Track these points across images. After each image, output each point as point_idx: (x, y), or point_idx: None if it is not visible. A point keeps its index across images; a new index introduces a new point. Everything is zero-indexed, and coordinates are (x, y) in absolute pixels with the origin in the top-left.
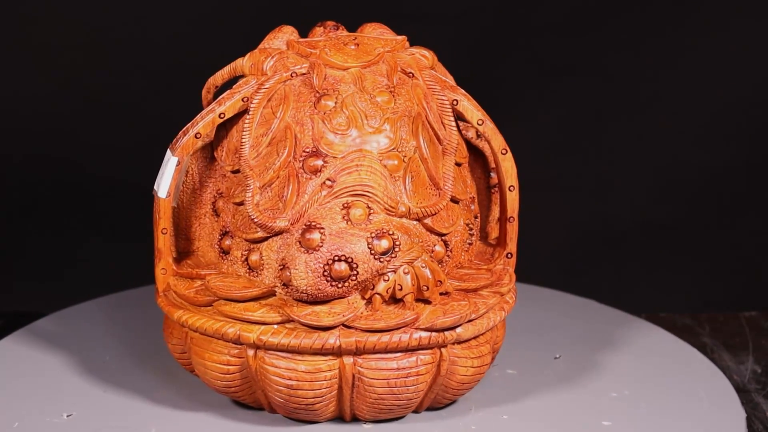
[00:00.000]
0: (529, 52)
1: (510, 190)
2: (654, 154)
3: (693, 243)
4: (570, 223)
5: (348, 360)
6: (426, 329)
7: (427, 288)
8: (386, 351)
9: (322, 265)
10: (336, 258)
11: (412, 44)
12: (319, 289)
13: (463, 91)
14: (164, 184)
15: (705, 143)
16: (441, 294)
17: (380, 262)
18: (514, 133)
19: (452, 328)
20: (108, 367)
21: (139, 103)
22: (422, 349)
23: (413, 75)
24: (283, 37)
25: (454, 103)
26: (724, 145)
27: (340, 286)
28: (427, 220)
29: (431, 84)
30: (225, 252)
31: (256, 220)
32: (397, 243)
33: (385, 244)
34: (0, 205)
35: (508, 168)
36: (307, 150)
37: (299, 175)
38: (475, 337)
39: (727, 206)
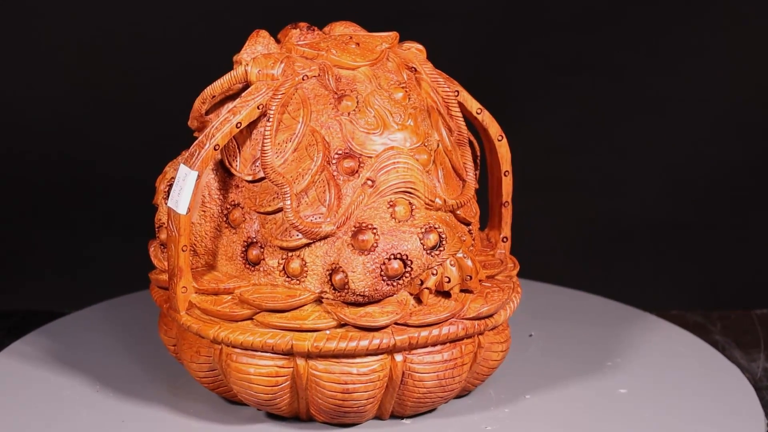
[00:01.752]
0: (538, 50)
1: (505, 175)
2: (664, 152)
3: (704, 240)
4: (580, 221)
5: (398, 357)
6: (472, 318)
7: (470, 278)
8: (436, 344)
9: (378, 265)
10: (392, 256)
11: (424, 44)
12: (376, 289)
13: (456, 82)
14: (184, 200)
15: (715, 141)
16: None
17: (431, 256)
18: (524, 131)
19: (492, 315)
20: (120, 378)
21: (151, 102)
22: (467, 338)
23: (416, 69)
24: (263, 42)
25: (456, 94)
26: (734, 143)
27: (395, 284)
28: (459, 211)
29: (434, 77)
30: (253, 263)
31: (300, 227)
32: (443, 236)
33: (434, 238)
34: (11, 204)
35: (503, 154)
36: (340, 152)
37: (336, 177)
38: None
39: (737, 204)
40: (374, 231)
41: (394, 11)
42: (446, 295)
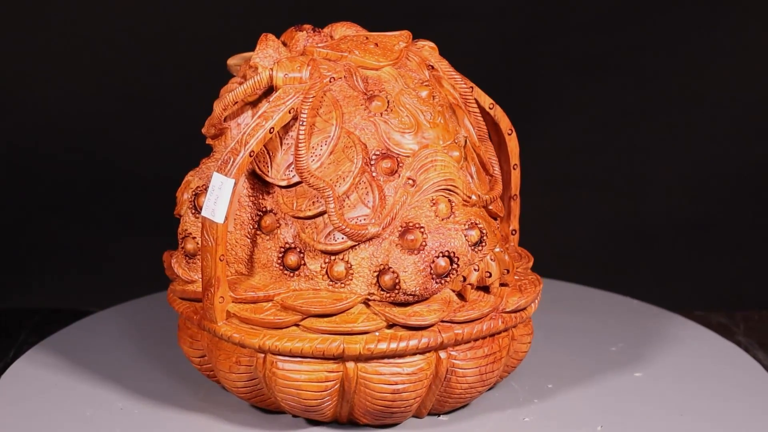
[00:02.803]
0: (562, 50)
1: (514, 168)
2: (688, 153)
3: (727, 241)
4: (604, 221)
5: (443, 354)
6: (510, 312)
7: (507, 271)
8: (477, 339)
9: (428, 264)
10: (440, 254)
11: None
12: (426, 288)
13: (468, 79)
14: (220, 209)
15: (739, 141)
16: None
17: (474, 252)
18: (548, 131)
19: (526, 307)
20: (149, 386)
21: (177, 102)
22: (504, 331)
23: (433, 67)
24: (273, 45)
25: (471, 90)
26: (758, 143)
27: (442, 282)
28: (490, 206)
29: (451, 74)
30: (291, 269)
31: (347, 230)
32: (484, 232)
33: (476, 234)
34: (35, 202)
35: (513, 147)
36: (377, 153)
37: (376, 178)
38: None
39: (762, 204)
40: (422, 230)
41: (416, 11)
42: (485, 289)
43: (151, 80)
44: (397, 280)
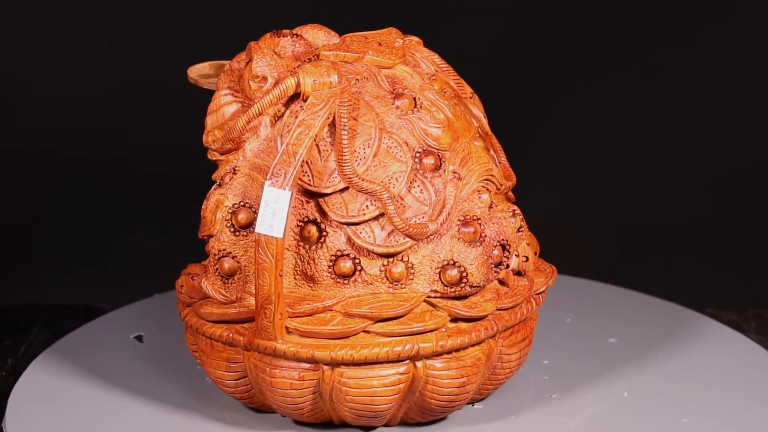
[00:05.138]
0: (575, 48)
1: None
2: (700, 151)
3: (739, 239)
4: (616, 219)
5: (492, 342)
6: (539, 293)
7: (536, 254)
8: (518, 323)
9: (489, 255)
10: (497, 244)
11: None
12: (488, 278)
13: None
14: (278, 223)
15: (752, 139)
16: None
17: (518, 239)
18: (561, 128)
19: (546, 289)
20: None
21: (187, 100)
22: (532, 314)
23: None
24: (268, 53)
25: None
26: None
27: (498, 271)
28: (509, 193)
29: (445, 67)
30: (344, 276)
31: (409, 230)
32: (521, 218)
33: (517, 221)
34: (47, 199)
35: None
36: (420, 150)
37: (425, 175)
38: None
39: None
40: (479, 221)
41: (430, 7)
42: (517, 273)
43: (164, 79)
44: (464, 274)
